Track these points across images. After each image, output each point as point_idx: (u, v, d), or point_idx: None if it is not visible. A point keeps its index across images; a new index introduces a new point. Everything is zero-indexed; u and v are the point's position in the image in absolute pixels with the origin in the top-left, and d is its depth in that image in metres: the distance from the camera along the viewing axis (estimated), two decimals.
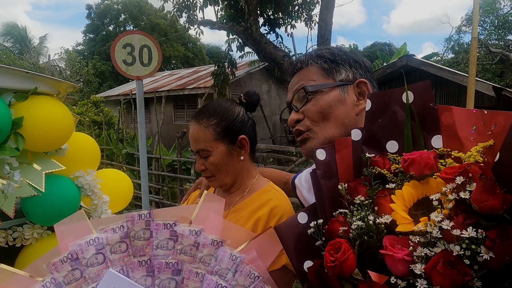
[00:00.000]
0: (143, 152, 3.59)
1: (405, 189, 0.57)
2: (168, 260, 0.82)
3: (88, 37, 27.28)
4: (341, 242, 0.57)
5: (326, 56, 0.89)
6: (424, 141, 0.63)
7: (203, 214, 0.85)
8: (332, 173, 0.68)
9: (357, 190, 0.63)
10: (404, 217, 0.54)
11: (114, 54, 3.34)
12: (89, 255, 0.80)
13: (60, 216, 1.43)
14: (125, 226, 0.83)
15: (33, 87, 1.22)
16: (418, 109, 0.63)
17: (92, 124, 9.22)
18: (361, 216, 0.57)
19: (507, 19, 18.44)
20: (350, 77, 0.87)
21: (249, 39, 5.75)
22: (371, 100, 0.68)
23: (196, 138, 1.07)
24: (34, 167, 1.33)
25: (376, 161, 0.63)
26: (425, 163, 0.56)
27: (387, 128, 0.66)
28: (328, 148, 0.69)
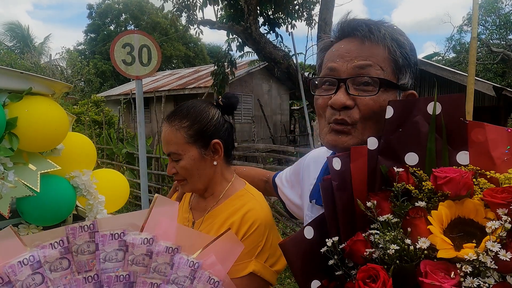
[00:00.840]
0: (143, 152, 3.59)
1: (441, 209, 0.52)
2: (119, 272, 0.76)
3: (89, 37, 27.34)
4: (377, 269, 0.51)
5: (406, 49, 0.73)
6: (449, 157, 0.59)
7: (154, 219, 0.79)
8: (346, 184, 0.62)
9: (381, 207, 0.57)
10: (446, 241, 0.49)
11: (113, 54, 3.35)
12: (24, 277, 0.71)
13: (55, 216, 1.45)
14: (65, 240, 0.75)
15: (28, 87, 1.22)
16: (446, 121, 0.59)
17: (92, 124, 9.23)
18: (392, 238, 0.51)
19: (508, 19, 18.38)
20: (408, 84, 0.74)
21: (248, 39, 5.74)
22: (393, 108, 0.62)
23: (167, 140, 1.03)
24: (29, 167, 1.32)
25: (402, 175, 0.57)
26: (464, 183, 0.52)
27: (407, 139, 0.61)
28: (343, 157, 0.63)
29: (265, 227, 0.97)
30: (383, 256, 0.52)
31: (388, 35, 0.72)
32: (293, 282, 3.80)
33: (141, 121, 3.54)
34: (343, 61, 0.73)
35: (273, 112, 13.17)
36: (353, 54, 0.72)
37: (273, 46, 5.96)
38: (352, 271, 0.57)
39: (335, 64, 0.74)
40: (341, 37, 0.77)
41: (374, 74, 0.70)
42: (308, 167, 1.00)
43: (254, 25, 5.59)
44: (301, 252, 0.63)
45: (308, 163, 1.01)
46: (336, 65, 0.74)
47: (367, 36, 0.72)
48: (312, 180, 0.95)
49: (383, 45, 0.72)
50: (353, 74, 0.71)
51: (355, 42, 0.74)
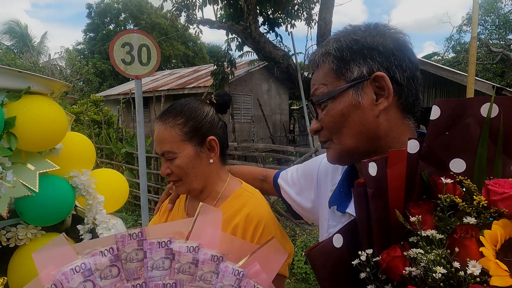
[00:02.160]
0: (142, 151, 3.58)
1: (496, 229, 0.46)
2: (166, 281, 0.76)
3: (88, 36, 27.31)
4: None
5: (332, 53, 0.74)
6: (503, 166, 0.52)
7: (199, 228, 0.79)
8: (382, 192, 0.56)
9: (423, 219, 0.50)
10: (501, 267, 0.43)
11: (112, 53, 3.34)
12: (76, 284, 0.72)
13: (54, 216, 1.44)
14: (114, 248, 0.76)
15: (26, 87, 1.22)
16: (504, 127, 0.53)
17: (91, 123, 9.22)
18: (436, 258, 0.46)
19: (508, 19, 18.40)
20: (364, 73, 0.71)
21: (248, 38, 5.73)
22: (440, 108, 0.56)
23: (161, 139, 0.99)
24: (28, 167, 1.32)
25: (448, 186, 0.51)
26: None
27: (454, 143, 0.55)
28: (380, 161, 0.57)
29: (272, 224, 0.97)
30: (424, 277, 0.46)
31: (318, 55, 0.77)
32: (293, 282, 3.79)
33: (140, 121, 3.53)
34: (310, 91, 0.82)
35: (273, 112, 13.17)
36: (311, 86, 0.81)
37: (272, 46, 5.95)
38: (385, 286, 0.52)
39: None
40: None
41: (319, 94, 0.76)
42: (326, 172, 0.97)
43: (254, 24, 5.58)
44: (329, 261, 0.59)
45: (326, 168, 0.97)
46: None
47: (313, 67, 0.80)
48: (331, 186, 0.92)
49: (318, 66, 0.77)
50: (311, 99, 0.79)
51: (313, 75, 0.82)
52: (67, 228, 1.57)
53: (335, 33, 0.78)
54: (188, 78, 13.31)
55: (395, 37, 0.72)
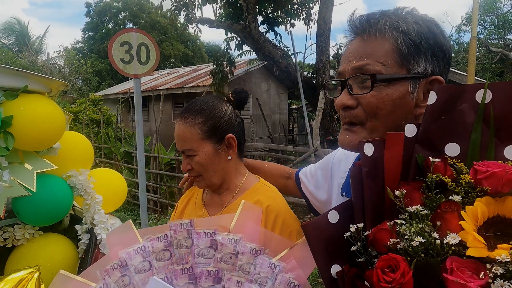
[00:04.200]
0: (141, 151, 3.57)
1: (477, 206, 0.49)
2: (209, 268, 0.84)
3: (87, 35, 27.26)
4: (398, 260, 0.49)
5: (411, 36, 0.68)
6: (495, 150, 0.54)
7: (241, 223, 0.86)
8: (378, 172, 0.59)
9: (412, 197, 0.54)
10: (477, 239, 0.46)
11: (111, 52, 3.33)
12: (137, 263, 0.84)
13: (52, 216, 1.43)
14: (168, 235, 0.86)
15: (24, 85, 1.20)
16: (496, 111, 0.54)
17: (90, 123, 9.19)
18: (419, 231, 0.49)
19: (507, 19, 18.42)
20: (428, 71, 0.69)
21: (247, 38, 5.72)
22: (437, 94, 0.58)
23: (182, 137, 1.03)
24: (25, 166, 1.30)
25: (438, 166, 0.54)
26: (507, 179, 0.48)
27: (450, 128, 0.57)
28: (377, 143, 0.59)
29: (290, 218, 1.01)
30: (407, 247, 0.49)
31: (388, 25, 0.70)
32: None
33: (139, 120, 3.52)
34: (346, 63, 0.74)
35: (272, 111, 13.16)
36: (354, 54, 0.73)
37: (272, 45, 5.94)
38: (375, 260, 0.55)
39: (341, 68, 0.76)
40: (351, 36, 0.77)
41: (373, 71, 0.70)
42: (339, 162, 1.00)
43: (253, 23, 5.57)
44: (323, 236, 0.61)
45: (339, 158, 1.01)
46: (341, 68, 0.76)
47: (366, 32, 0.72)
48: (343, 174, 0.95)
49: (382, 38, 0.70)
50: (353, 74, 0.72)
51: (357, 41, 0.74)
52: (65, 228, 1.55)
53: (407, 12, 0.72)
54: (187, 78, 13.29)
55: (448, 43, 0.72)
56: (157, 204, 6.33)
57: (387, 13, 0.73)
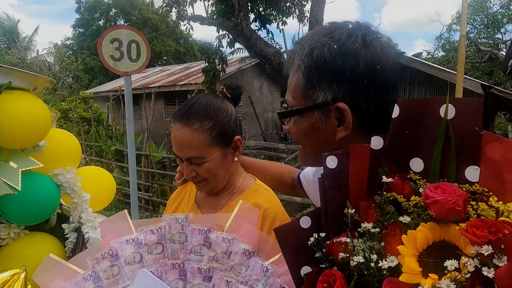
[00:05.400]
0: (131, 149, 3.54)
1: (420, 231, 0.48)
2: (201, 266, 0.83)
3: (77, 32, 26.88)
4: (336, 276, 0.51)
5: (302, 70, 0.70)
6: (457, 169, 0.52)
7: (237, 223, 0.85)
8: (342, 185, 0.59)
9: (366, 213, 0.54)
10: (411, 267, 0.46)
11: (101, 49, 3.28)
12: (128, 254, 0.84)
13: (38, 215, 1.41)
14: (162, 228, 0.86)
15: (7, 82, 1.18)
16: (459, 129, 0.52)
17: (80, 121, 9.08)
18: (363, 249, 0.51)
19: (496, 18, 18.67)
20: (329, 99, 0.68)
21: (239, 35, 5.71)
22: (400, 107, 0.56)
23: (188, 144, 0.95)
24: (10, 164, 1.28)
25: (395, 184, 0.53)
26: (449, 209, 0.47)
27: (414, 143, 0.55)
28: (341, 155, 0.58)
29: (286, 220, 0.99)
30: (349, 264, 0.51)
31: (297, 56, 0.71)
32: None
33: (130, 118, 3.49)
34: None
35: (264, 109, 13.15)
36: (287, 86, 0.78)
37: (264, 43, 5.93)
38: (334, 267, 0.56)
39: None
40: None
41: (288, 105, 0.75)
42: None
43: (245, 21, 5.55)
44: (295, 240, 0.63)
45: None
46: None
47: (289, 68, 0.75)
48: None
49: (293, 73, 0.73)
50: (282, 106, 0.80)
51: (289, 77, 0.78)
52: (52, 227, 1.53)
53: (315, 32, 0.71)
54: (179, 75, 13.20)
55: (371, 59, 0.66)
56: (149, 203, 6.29)
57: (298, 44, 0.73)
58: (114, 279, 0.83)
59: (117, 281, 0.83)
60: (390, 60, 0.67)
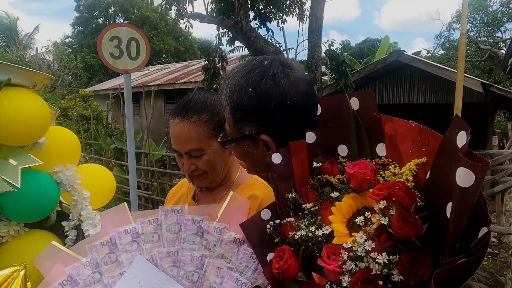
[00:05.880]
0: (131, 147, 3.53)
1: (344, 201, 0.60)
2: (194, 254, 0.88)
3: (77, 30, 26.80)
4: (285, 250, 0.61)
5: (228, 110, 0.80)
6: (370, 148, 0.65)
7: (228, 213, 0.89)
8: (289, 175, 0.70)
9: (307, 196, 0.66)
10: (340, 230, 0.57)
11: (101, 47, 3.27)
12: (126, 242, 0.89)
13: (37, 213, 1.40)
14: (159, 219, 0.91)
15: (6, 78, 1.17)
16: (364, 116, 0.65)
17: (80, 119, 9.07)
18: (306, 225, 0.62)
19: (496, 16, 18.64)
20: (253, 132, 0.77)
21: (239, 33, 5.69)
22: (321, 106, 0.70)
23: (186, 137, 0.97)
24: (10, 162, 1.27)
25: (325, 167, 0.66)
26: (361, 179, 0.58)
27: (337, 133, 0.68)
28: (283, 151, 0.70)
29: None
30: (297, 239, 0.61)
31: (223, 96, 0.80)
32: None
33: (129, 116, 3.48)
34: None
35: None
36: None
37: (264, 41, 5.91)
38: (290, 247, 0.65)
39: None
40: None
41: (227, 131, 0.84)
42: None
43: (245, 19, 5.53)
44: (258, 231, 0.72)
45: None
46: None
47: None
48: None
49: (223, 107, 0.82)
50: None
51: None
52: (52, 225, 1.53)
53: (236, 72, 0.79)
54: (178, 74, 13.18)
55: (280, 98, 0.74)
56: (148, 201, 6.29)
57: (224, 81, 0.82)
58: (111, 265, 0.87)
59: (114, 267, 0.87)
60: (300, 92, 0.75)
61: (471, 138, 0.51)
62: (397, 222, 0.51)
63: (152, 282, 0.86)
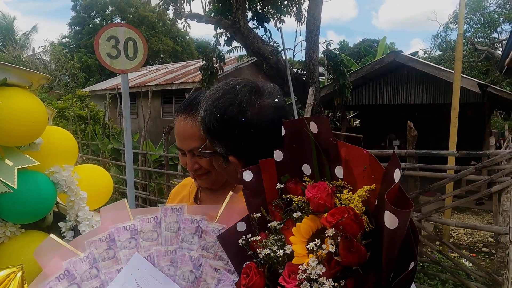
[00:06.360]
0: (129, 147, 3.52)
1: (304, 222, 0.62)
2: (192, 254, 0.88)
3: (73, 30, 26.69)
4: (251, 267, 0.64)
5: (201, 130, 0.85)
6: (329, 169, 0.68)
7: (227, 214, 0.89)
8: (259, 192, 0.72)
9: (273, 214, 0.69)
10: (299, 251, 0.59)
11: (98, 47, 3.26)
12: (124, 239, 0.89)
13: (34, 214, 1.39)
14: (158, 217, 0.91)
15: (3, 78, 1.16)
16: (322, 140, 0.67)
17: (77, 119, 9.02)
18: (271, 243, 0.65)
19: (492, 17, 18.74)
20: (223, 152, 0.83)
21: (237, 33, 5.68)
22: (284, 128, 0.73)
23: (190, 135, 0.95)
24: (6, 162, 1.26)
25: (290, 187, 0.68)
26: (317, 203, 0.60)
27: (300, 153, 0.70)
28: (254, 168, 0.72)
29: None
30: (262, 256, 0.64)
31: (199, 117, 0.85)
32: None
33: (127, 116, 3.47)
34: None
35: None
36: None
37: (261, 41, 5.91)
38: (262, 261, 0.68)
39: None
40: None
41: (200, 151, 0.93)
42: None
43: (243, 19, 5.53)
44: (234, 243, 0.74)
45: None
46: None
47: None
48: None
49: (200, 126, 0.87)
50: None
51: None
52: (49, 226, 1.51)
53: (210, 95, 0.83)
54: (176, 74, 13.15)
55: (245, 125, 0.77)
56: (146, 202, 6.26)
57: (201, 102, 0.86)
58: (109, 261, 0.88)
59: (111, 264, 0.88)
60: (264, 121, 0.78)
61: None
62: (342, 250, 0.54)
63: (148, 280, 0.86)
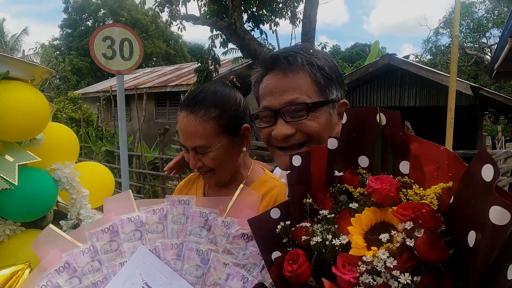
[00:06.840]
0: (124, 149, 3.47)
1: (364, 214, 0.60)
2: (199, 247, 0.84)
3: (65, 32, 26.42)
4: (299, 254, 0.62)
5: (325, 70, 0.85)
6: (393, 164, 0.65)
7: (238, 207, 0.86)
8: (306, 179, 0.70)
9: (323, 202, 0.67)
10: (358, 242, 0.57)
11: (93, 48, 3.22)
12: (128, 231, 0.85)
13: (35, 211, 1.35)
14: (165, 208, 0.88)
15: (5, 71, 1.13)
16: (389, 133, 0.65)
17: (69, 121, 8.91)
18: (321, 232, 0.62)
19: (481, 22, 19.12)
20: (339, 96, 0.87)
21: (233, 35, 5.69)
22: (347, 115, 0.70)
23: (194, 133, 0.92)
24: (6, 158, 1.23)
25: (346, 177, 0.66)
26: (385, 195, 0.58)
27: (360, 144, 0.68)
28: (304, 155, 0.71)
29: None
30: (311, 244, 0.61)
31: (305, 62, 0.84)
32: None
33: (122, 118, 3.43)
34: (274, 97, 0.87)
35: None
36: (280, 89, 0.86)
37: (257, 43, 5.93)
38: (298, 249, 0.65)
39: (268, 103, 0.88)
40: (267, 71, 0.90)
41: (302, 101, 0.85)
42: None
43: (239, 21, 5.54)
44: (266, 229, 0.72)
45: None
46: (269, 104, 0.88)
47: (288, 68, 0.85)
48: None
49: (303, 73, 0.85)
50: (285, 105, 0.86)
51: (279, 75, 0.86)
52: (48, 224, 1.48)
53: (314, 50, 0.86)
54: (170, 76, 13.10)
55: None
56: None
57: (299, 51, 0.86)
58: (112, 254, 0.84)
59: (115, 257, 0.84)
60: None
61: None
62: (423, 245, 0.51)
63: (154, 274, 0.82)
